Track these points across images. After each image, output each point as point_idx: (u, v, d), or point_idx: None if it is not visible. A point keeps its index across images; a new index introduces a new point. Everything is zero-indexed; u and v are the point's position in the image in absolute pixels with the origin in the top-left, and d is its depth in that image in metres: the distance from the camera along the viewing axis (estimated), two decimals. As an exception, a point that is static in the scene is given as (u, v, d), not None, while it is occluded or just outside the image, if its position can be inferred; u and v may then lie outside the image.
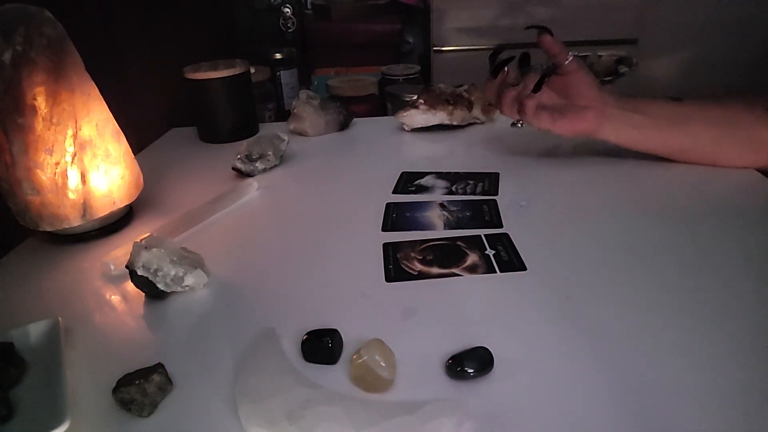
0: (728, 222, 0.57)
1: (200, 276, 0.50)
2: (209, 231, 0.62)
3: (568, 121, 0.65)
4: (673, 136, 0.66)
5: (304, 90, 0.92)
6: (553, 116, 0.65)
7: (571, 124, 0.65)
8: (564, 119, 0.65)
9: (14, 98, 0.52)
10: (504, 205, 0.63)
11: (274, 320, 0.46)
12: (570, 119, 0.65)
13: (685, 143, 0.66)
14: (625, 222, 0.58)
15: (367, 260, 0.54)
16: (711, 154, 0.67)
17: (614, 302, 0.45)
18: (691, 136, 0.66)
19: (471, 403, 0.36)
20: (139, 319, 0.48)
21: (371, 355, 0.38)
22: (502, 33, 1.43)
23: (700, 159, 0.67)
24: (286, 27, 1.43)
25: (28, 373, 0.41)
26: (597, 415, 0.35)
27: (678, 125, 0.65)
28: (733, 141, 0.65)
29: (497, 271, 0.50)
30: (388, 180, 0.71)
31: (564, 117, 0.65)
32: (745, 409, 0.35)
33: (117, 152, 0.60)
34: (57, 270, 0.57)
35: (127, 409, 0.37)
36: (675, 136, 0.66)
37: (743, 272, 0.48)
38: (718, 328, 0.42)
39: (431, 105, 0.86)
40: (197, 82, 0.85)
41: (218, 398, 0.38)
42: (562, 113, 0.65)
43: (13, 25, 0.51)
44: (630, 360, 0.39)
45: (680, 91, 0.69)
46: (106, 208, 0.59)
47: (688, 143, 0.66)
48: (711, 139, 0.65)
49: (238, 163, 0.74)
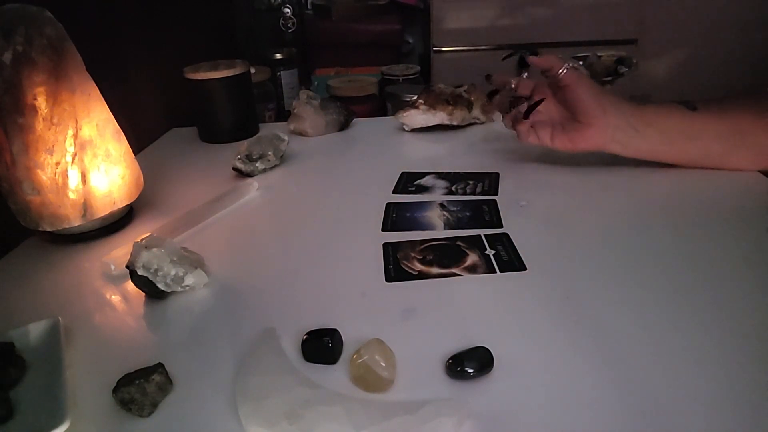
0: (728, 222, 0.57)
1: (200, 276, 0.50)
2: (209, 231, 0.62)
3: (569, 139, 0.65)
4: (684, 150, 0.65)
5: (304, 90, 0.92)
6: (554, 133, 0.65)
7: (571, 142, 0.65)
8: (564, 136, 0.65)
9: (14, 98, 0.52)
10: (504, 205, 0.63)
11: (274, 320, 0.46)
12: (570, 137, 0.64)
13: (696, 157, 0.66)
14: (625, 222, 0.58)
15: (367, 260, 0.54)
16: (719, 164, 0.66)
17: (614, 302, 0.45)
18: (702, 150, 0.65)
19: (471, 403, 0.36)
20: (139, 319, 0.48)
21: (371, 355, 0.38)
22: (502, 33, 1.43)
23: (708, 166, 0.67)
24: (286, 27, 1.43)
25: (28, 373, 0.41)
26: (597, 415, 0.35)
27: (689, 140, 0.64)
28: (742, 151, 0.65)
29: (497, 271, 0.50)
30: (388, 180, 0.71)
31: (565, 134, 0.65)
32: (746, 409, 0.35)
33: (117, 152, 0.60)
34: (57, 270, 0.57)
35: (127, 409, 0.37)
36: (686, 149, 0.65)
37: (743, 272, 0.48)
38: (718, 327, 0.42)
39: (431, 105, 0.86)
40: (197, 82, 0.85)
41: (218, 398, 0.38)
42: (564, 129, 0.65)
43: (14, 25, 0.51)
44: (630, 360, 0.39)
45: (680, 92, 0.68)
46: (106, 208, 0.59)
47: (698, 157, 0.66)
48: (721, 151, 0.65)
49: (238, 163, 0.74)
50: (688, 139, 0.64)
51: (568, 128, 0.65)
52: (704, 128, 0.63)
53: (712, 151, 0.65)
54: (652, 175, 0.67)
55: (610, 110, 0.62)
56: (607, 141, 0.63)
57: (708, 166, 0.67)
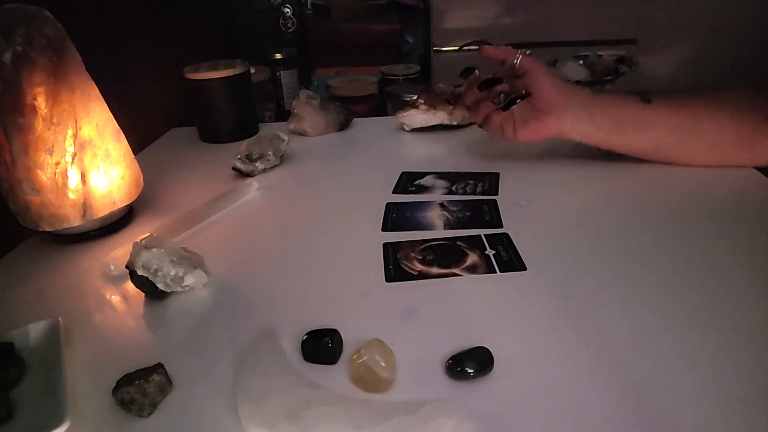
0: (728, 222, 0.57)
1: (200, 276, 0.50)
2: (209, 231, 0.62)
3: (531, 131, 0.65)
4: (636, 140, 0.66)
5: (304, 90, 0.92)
6: (516, 127, 0.66)
7: (534, 133, 0.66)
8: (525, 129, 0.65)
9: (14, 98, 0.52)
10: (504, 205, 0.63)
11: (274, 320, 0.46)
12: (532, 128, 0.65)
13: (647, 147, 0.66)
14: (625, 222, 0.58)
15: (367, 260, 0.54)
16: (672, 156, 0.67)
17: (614, 302, 0.45)
18: (653, 141, 0.66)
19: (471, 403, 0.36)
20: (139, 319, 0.48)
21: (371, 355, 0.38)
22: (502, 33, 1.43)
23: (659, 160, 0.68)
24: (286, 27, 1.43)
25: (28, 373, 0.41)
26: (597, 415, 0.35)
27: (641, 132, 0.65)
28: (694, 145, 0.65)
29: (497, 271, 0.50)
30: (388, 180, 0.71)
31: (526, 126, 0.65)
32: (744, 409, 0.35)
33: (117, 152, 0.60)
34: (57, 270, 0.57)
35: (127, 409, 0.37)
36: (637, 140, 0.66)
37: (743, 272, 0.48)
38: (718, 327, 0.42)
39: (431, 105, 0.86)
40: (197, 82, 0.85)
41: (218, 398, 0.38)
42: (524, 121, 0.65)
43: (14, 25, 0.51)
44: (630, 360, 0.39)
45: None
46: (106, 208, 0.59)
47: (649, 148, 0.66)
48: (672, 143, 0.66)
49: (238, 163, 0.74)
50: (640, 131, 0.65)
51: (527, 119, 0.65)
52: (657, 120, 0.64)
53: (664, 143, 0.66)
54: (652, 176, 0.67)
55: (569, 96, 0.64)
56: (566, 128, 0.65)
57: (661, 158, 0.68)
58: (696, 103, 0.64)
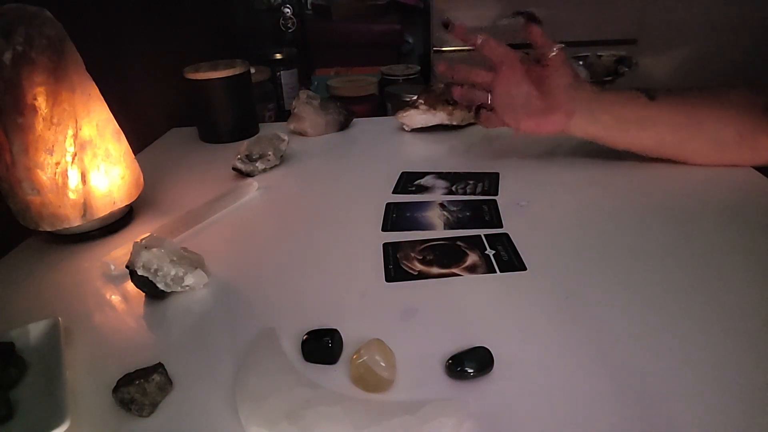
0: (728, 222, 0.57)
1: (200, 276, 0.50)
2: (209, 231, 0.62)
3: (535, 123, 0.66)
4: (638, 138, 0.66)
5: (304, 90, 0.92)
6: (519, 117, 0.66)
7: (536, 126, 0.66)
8: (530, 120, 0.66)
9: (14, 98, 0.52)
10: (504, 205, 0.63)
11: (274, 320, 0.46)
12: (537, 121, 0.65)
13: (649, 145, 0.67)
14: (625, 222, 0.58)
15: (367, 260, 0.54)
16: (674, 154, 0.67)
17: (614, 302, 0.45)
18: (655, 139, 0.66)
19: (471, 403, 0.36)
20: (139, 319, 0.48)
21: (371, 355, 0.38)
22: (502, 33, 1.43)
23: (662, 157, 0.68)
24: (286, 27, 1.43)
25: (28, 373, 0.41)
26: (597, 415, 0.35)
27: (644, 129, 0.65)
28: (697, 143, 0.66)
29: (497, 271, 0.50)
30: (388, 180, 0.71)
31: (530, 117, 0.65)
32: (745, 409, 0.35)
33: (117, 152, 0.60)
34: (57, 270, 0.57)
35: (127, 409, 0.37)
36: (639, 137, 0.66)
37: (743, 272, 0.48)
38: (718, 327, 0.42)
39: (431, 105, 0.86)
40: (197, 82, 0.85)
41: (218, 398, 0.38)
42: (529, 112, 0.65)
43: (14, 25, 0.51)
44: (630, 360, 0.39)
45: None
46: (106, 208, 0.59)
47: (651, 145, 0.67)
48: (674, 141, 0.66)
49: (238, 163, 0.74)
50: (642, 128, 0.65)
51: (532, 111, 0.65)
52: (660, 118, 0.64)
53: (666, 141, 0.66)
54: (653, 176, 0.67)
55: (576, 96, 0.64)
56: (569, 125, 0.65)
57: (662, 156, 0.68)
58: (698, 102, 0.64)
